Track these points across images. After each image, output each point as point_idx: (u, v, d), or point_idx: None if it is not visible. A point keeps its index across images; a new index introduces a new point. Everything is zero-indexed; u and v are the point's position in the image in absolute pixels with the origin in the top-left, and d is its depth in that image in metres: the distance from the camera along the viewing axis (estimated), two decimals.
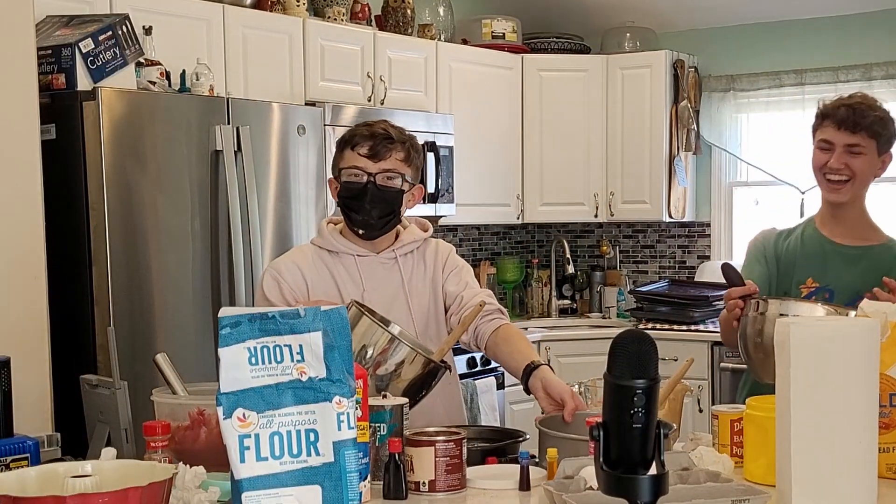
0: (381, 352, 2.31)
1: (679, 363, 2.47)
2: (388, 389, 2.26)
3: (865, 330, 1.79)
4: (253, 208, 3.81)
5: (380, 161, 2.49)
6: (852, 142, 2.63)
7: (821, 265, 2.72)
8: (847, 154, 2.64)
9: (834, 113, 2.65)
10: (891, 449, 2.02)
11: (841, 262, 2.71)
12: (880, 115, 2.66)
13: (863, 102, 2.66)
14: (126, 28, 3.57)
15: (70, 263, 3.38)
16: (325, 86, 4.62)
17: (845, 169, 2.65)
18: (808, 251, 2.75)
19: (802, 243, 2.77)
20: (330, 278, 2.54)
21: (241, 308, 1.67)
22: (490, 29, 5.73)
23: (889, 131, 2.68)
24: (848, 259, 2.71)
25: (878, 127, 2.64)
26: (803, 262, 2.73)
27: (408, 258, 2.60)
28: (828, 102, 2.70)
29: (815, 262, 2.72)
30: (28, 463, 1.93)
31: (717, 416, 2.20)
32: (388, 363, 2.31)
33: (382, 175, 2.50)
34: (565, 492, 1.82)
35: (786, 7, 5.65)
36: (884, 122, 2.66)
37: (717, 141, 5.93)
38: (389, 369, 2.30)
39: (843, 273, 2.69)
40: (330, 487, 1.60)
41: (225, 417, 1.59)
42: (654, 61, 5.81)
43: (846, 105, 2.65)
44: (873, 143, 2.65)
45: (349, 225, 2.56)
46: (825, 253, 2.73)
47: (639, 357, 1.51)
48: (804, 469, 1.75)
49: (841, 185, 2.67)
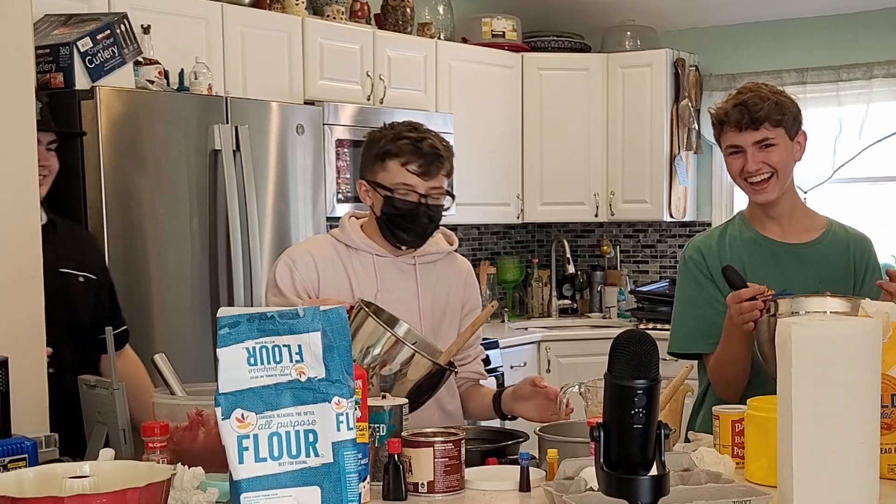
0: (386, 350, 2.29)
1: (679, 363, 2.46)
2: (392, 390, 2.25)
3: (867, 330, 1.79)
4: (252, 207, 3.81)
5: (430, 180, 2.44)
6: (759, 138, 2.52)
7: (773, 270, 2.57)
8: (759, 151, 2.53)
9: (729, 116, 2.54)
10: (892, 449, 2.01)
11: (794, 261, 2.60)
12: (774, 101, 2.52)
13: (754, 93, 2.53)
14: (124, 27, 3.57)
15: None
16: (325, 85, 4.61)
17: (763, 167, 2.53)
18: (755, 259, 2.60)
19: (748, 252, 2.62)
20: (343, 273, 2.52)
21: (239, 308, 1.66)
22: (490, 27, 5.72)
23: (790, 112, 2.54)
24: (800, 257, 2.60)
25: (777, 114, 2.52)
26: (754, 271, 2.55)
27: (427, 268, 2.57)
28: (719, 106, 2.59)
29: (767, 269, 2.57)
30: (26, 463, 1.92)
31: (719, 417, 2.19)
32: (393, 362, 2.30)
33: (432, 194, 2.46)
34: (565, 493, 1.81)
35: (787, 6, 5.64)
36: (780, 105, 2.53)
37: None
38: (394, 369, 2.29)
39: (798, 272, 2.57)
40: (329, 488, 1.60)
41: (223, 418, 1.58)
42: (655, 60, 5.80)
43: (737, 104, 2.52)
44: (780, 131, 2.53)
45: (390, 238, 2.51)
46: (775, 255, 2.61)
47: (639, 357, 1.50)
48: (805, 470, 1.74)
49: (765, 183, 2.55)
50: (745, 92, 2.55)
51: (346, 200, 4.52)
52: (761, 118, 2.51)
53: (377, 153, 2.47)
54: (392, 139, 2.45)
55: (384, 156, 2.45)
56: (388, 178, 2.45)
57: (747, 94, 2.54)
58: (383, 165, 2.46)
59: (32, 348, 2.23)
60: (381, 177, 2.46)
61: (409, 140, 2.43)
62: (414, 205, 2.43)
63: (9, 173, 2.22)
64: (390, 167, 2.45)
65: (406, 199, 2.43)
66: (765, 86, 2.58)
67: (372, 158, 2.49)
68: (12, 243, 2.22)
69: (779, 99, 2.54)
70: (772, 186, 2.56)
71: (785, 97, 2.56)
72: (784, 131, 2.54)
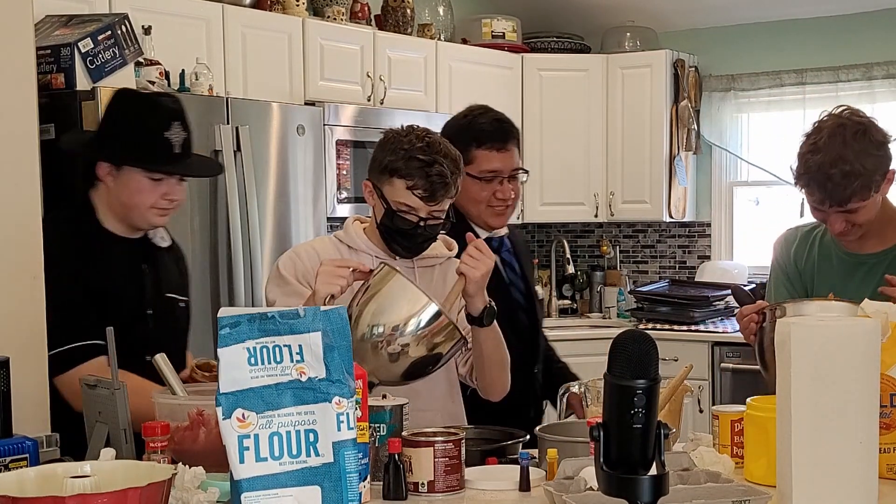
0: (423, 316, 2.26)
1: (679, 363, 2.46)
2: (404, 353, 2.24)
3: (866, 330, 1.79)
4: (252, 208, 3.81)
5: (433, 204, 2.42)
6: (841, 210, 2.44)
7: (840, 279, 2.57)
8: (843, 214, 2.46)
9: (810, 188, 2.44)
10: (891, 449, 2.01)
11: (860, 272, 2.57)
12: (860, 172, 2.39)
13: (837, 163, 2.38)
14: (125, 28, 3.57)
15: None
16: (325, 85, 4.61)
17: (849, 229, 2.48)
18: (825, 265, 2.60)
19: (821, 256, 2.62)
20: None
21: (240, 308, 1.66)
22: (490, 28, 5.73)
23: (878, 176, 2.42)
24: (868, 268, 2.57)
25: (865, 189, 2.40)
26: (823, 276, 2.59)
27: (425, 271, 2.58)
28: (801, 163, 2.46)
29: (835, 277, 2.58)
30: (27, 463, 1.92)
31: (718, 417, 2.19)
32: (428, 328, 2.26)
33: (433, 216, 2.44)
34: (565, 493, 1.81)
35: (786, 6, 5.64)
36: (867, 177, 2.40)
37: (717, 140, 5.93)
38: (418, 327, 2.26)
39: (864, 284, 2.53)
40: (329, 488, 1.60)
41: (224, 418, 1.59)
42: (655, 61, 5.80)
43: (820, 183, 2.40)
44: (868, 197, 2.43)
45: (388, 245, 2.51)
46: (844, 265, 2.59)
47: (639, 357, 1.50)
48: (805, 469, 1.75)
49: (848, 235, 2.50)
50: (828, 153, 2.40)
51: (346, 201, 4.53)
52: (842, 198, 2.41)
53: (386, 166, 2.43)
54: (403, 157, 2.40)
55: (392, 172, 2.42)
56: (392, 193, 2.43)
57: (829, 166, 2.39)
58: (390, 181, 2.43)
59: (33, 348, 2.24)
60: (387, 190, 2.43)
61: (419, 163, 2.39)
62: (413, 225, 2.43)
63: (9, 173, 2.23)
64: (396, 185, 2.42)
65: (405, 218, 2.42)
66: (846, 158, 2.39)
67: (380, 167, 2.45)
68: (13, 243, 2.23)
69: (864, 165, 2.39)
70: (854, 237, 2.52)
71: (872, 154, 2.41)
72: (870, 192, 2.43)
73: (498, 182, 2.77)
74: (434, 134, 2.48)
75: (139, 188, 2.51)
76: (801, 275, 2.64)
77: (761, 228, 5.77)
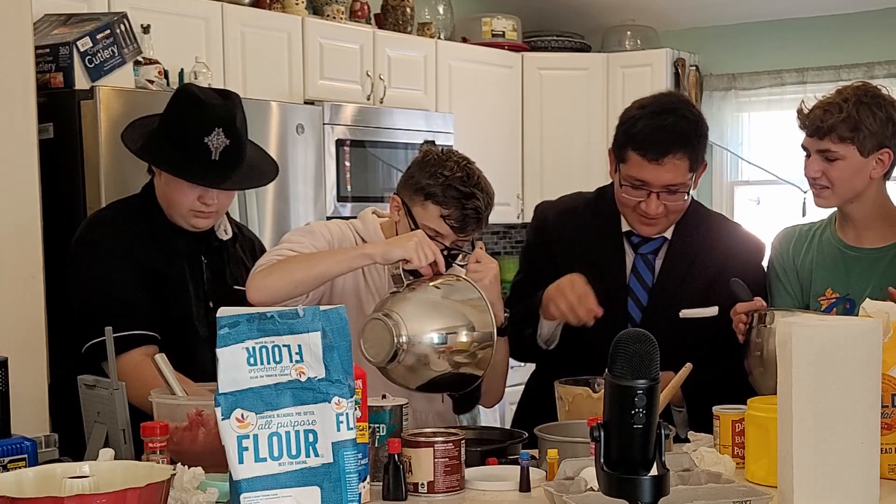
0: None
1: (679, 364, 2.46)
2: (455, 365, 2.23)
3: (867, 330, 1.79)
4: (252, 207, 3.81)
5: (461, 235, 2.41)
6: (821, 147, 2.43)
7: (840, 273, 2.53)
8: (822, 161, 2.45)
9: (808, 118, 2.46)
10: (893, 450, 2.01)
11: (860, 267, 2.52)
12: (852, 112, 2.40)
13: (834, 103, 2.42)
14: (124, 26, 3.57)
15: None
16: (325, 84, 4.61)
17: (822, 192, 2.48)
18: (825, 260, 2.56)
19: (820, 251, 2.57)
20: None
21: (239, 308, 1.66)
22: (490, 27, 5.72)
23: (868, 128, 2.40)
24: (868, 263, 2.52)
25: (848, 130, 2.40)
26: (820, 272, 2.54)
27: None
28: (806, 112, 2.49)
29: (834, 271, 2.54)
30: (26, 464, 1.92)
31: (719, 417, 2.19)
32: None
33: (457, 245, 2.42)
34: (565, 493, 1.81)
35: (787, 5, 5.64)
36: (855, 120, 2.40)
37: (718, 140, 5.92)
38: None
39: (863, 279, 2.50)
40: (329, 488, 1.60)
41: (223, 418, 1.58)
42: (655, 60, 5.80)
43: (820, 112, 2.43)
44: (849, 148, 2.41)
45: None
46: (844, 259, 2.54)
47: (640, 357, 1.50)
48: (806, 470, 1.74)
49: (822, 190, 2.49)
50: (840, 94, 2.43)
51: (346, 200, 4.52)
52: (825, 130, 2.42)
53: (423, 188, 2.39)
54: (442, 184, 2.37)
55: (428, 196, 2.38)
56: (423, 217, 2.39)
57: (833, 97, 2.44)
58: (423, 203, 2.39)
59: (32, 348, 2.24)
60: (417, 211, 2.40)
61: (457, 193, 2.36)
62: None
63: (9, 173, 2.23)
64: (430, 210, 2.38)
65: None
66: (861, 88, 2.44)
67: (415, 187, 2.41)
68: (12, 243, 2.23)
69: (860, 114, 2.40)
70: (826, 195, 2.49)
71: (877, 115, 2.40)
72: (855, 149, 2.42)
73: (646, 193, 2.54)
74: (473, 163, 2.45)
75: (178, 188, 2.47)
76: (798, 272, 2.60)
77: (762, 228, 5.76)
